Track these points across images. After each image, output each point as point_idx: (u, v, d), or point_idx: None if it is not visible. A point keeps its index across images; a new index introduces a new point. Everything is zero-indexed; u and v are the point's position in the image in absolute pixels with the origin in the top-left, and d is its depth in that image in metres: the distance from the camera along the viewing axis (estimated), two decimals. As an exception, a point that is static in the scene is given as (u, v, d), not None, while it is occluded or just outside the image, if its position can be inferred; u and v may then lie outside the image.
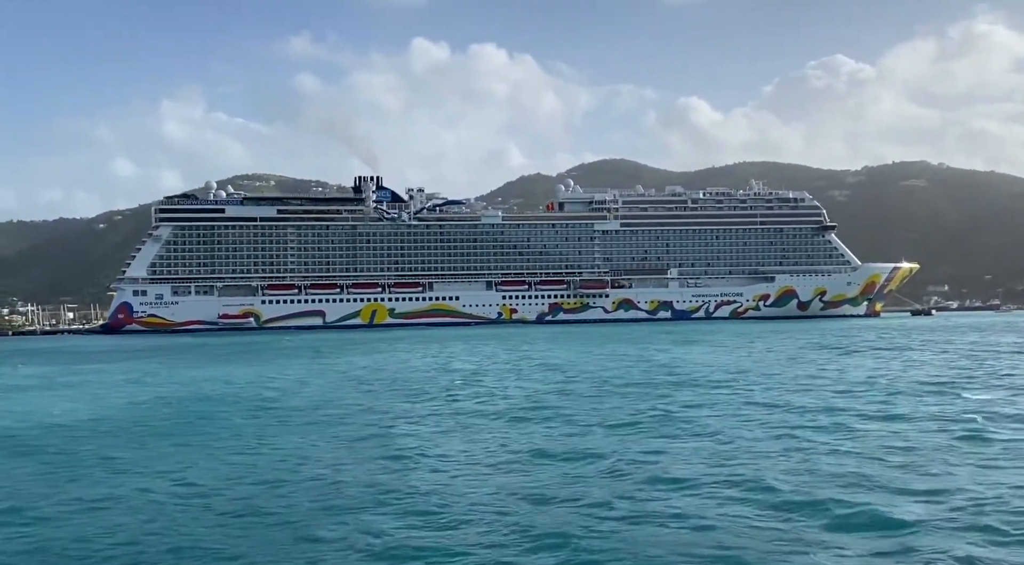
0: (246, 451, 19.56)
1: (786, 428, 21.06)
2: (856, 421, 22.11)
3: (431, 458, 18.10)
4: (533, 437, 20.61)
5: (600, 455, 17.87)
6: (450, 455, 18.42)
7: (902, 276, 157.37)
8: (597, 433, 21.01)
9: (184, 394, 33.88)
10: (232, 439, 21.43)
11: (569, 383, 34.73)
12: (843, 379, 33.80)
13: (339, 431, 22.34)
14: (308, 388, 35.47)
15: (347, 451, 19.23)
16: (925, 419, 22.18)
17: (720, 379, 34.77)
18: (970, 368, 38.53)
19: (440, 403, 28.62)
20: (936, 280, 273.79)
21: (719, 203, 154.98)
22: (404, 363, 50.10)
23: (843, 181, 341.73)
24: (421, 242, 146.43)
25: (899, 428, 20.80)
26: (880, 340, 64.34)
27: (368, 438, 21.03)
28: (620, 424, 22.41)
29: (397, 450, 19.00)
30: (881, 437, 19.50)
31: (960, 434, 19.51)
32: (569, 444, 19.37)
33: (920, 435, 19.64)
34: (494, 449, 19.07)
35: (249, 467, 17.50)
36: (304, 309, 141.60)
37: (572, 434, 20.95)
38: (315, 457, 18.45)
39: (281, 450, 19.53)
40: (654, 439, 19.90)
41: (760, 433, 20.40)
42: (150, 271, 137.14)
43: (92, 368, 53.09)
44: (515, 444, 19.65)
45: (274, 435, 21.96)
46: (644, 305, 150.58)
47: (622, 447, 18.81)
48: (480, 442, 20.17)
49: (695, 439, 19.77)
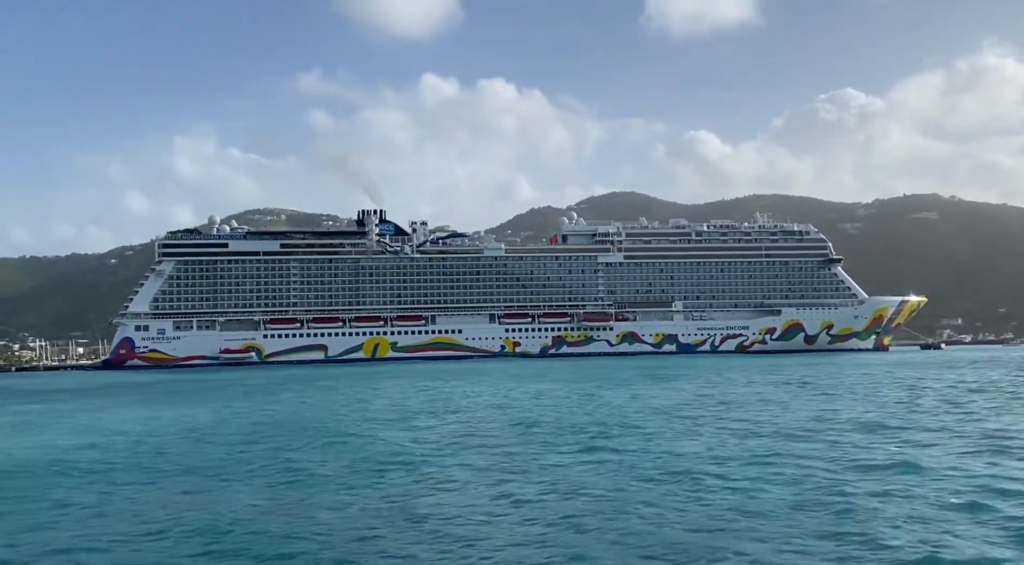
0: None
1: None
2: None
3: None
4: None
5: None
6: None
7: (910, 309, 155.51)
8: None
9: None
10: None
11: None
12: (757, 424, 31.68)
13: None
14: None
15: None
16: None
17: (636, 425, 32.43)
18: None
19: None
20: (950, 314, 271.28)
21: (723, 236, 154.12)
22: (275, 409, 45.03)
23: (854, 214, 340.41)
24: (424, 275, 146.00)
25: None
26: (860, 379, 60.41)
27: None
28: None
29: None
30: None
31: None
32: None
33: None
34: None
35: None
36: (306, 343, 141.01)
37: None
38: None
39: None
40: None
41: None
42: (152, 306, 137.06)
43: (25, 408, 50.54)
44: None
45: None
46: (649, 338, 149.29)
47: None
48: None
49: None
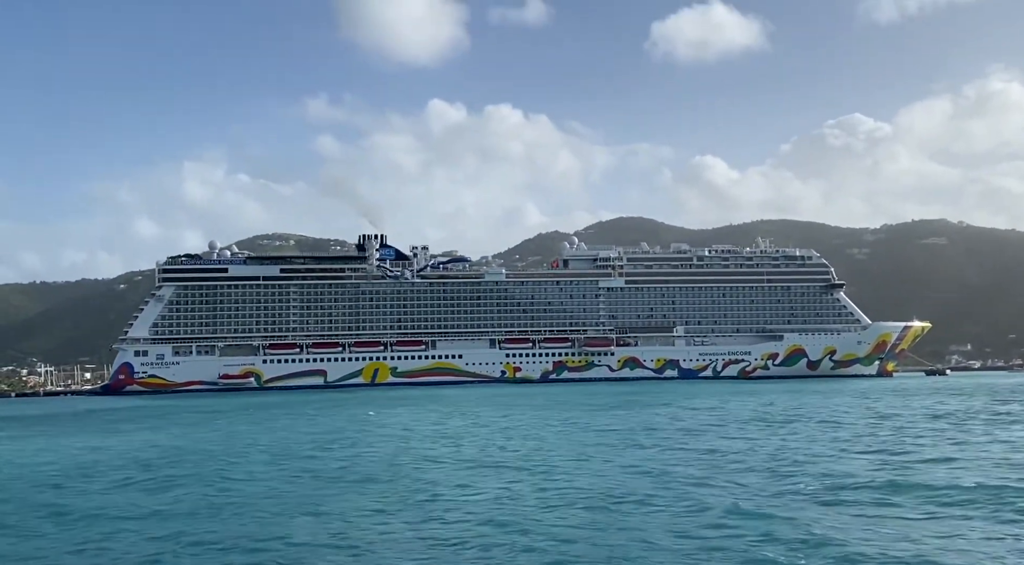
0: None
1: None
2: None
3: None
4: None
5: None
6: None
7: (914, 335, 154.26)
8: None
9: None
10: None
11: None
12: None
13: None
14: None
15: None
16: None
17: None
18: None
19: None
20: (959, 339, 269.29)
21: (725, 261, 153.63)
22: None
23: (862, 239, 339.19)
24: (424, 300, 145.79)
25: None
26: (824, 408, 58.61)
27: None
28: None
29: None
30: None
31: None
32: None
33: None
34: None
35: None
36: (305, 368, 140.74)
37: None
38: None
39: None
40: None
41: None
42: (152, 331, 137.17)
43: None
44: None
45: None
46: (650, 363, 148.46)
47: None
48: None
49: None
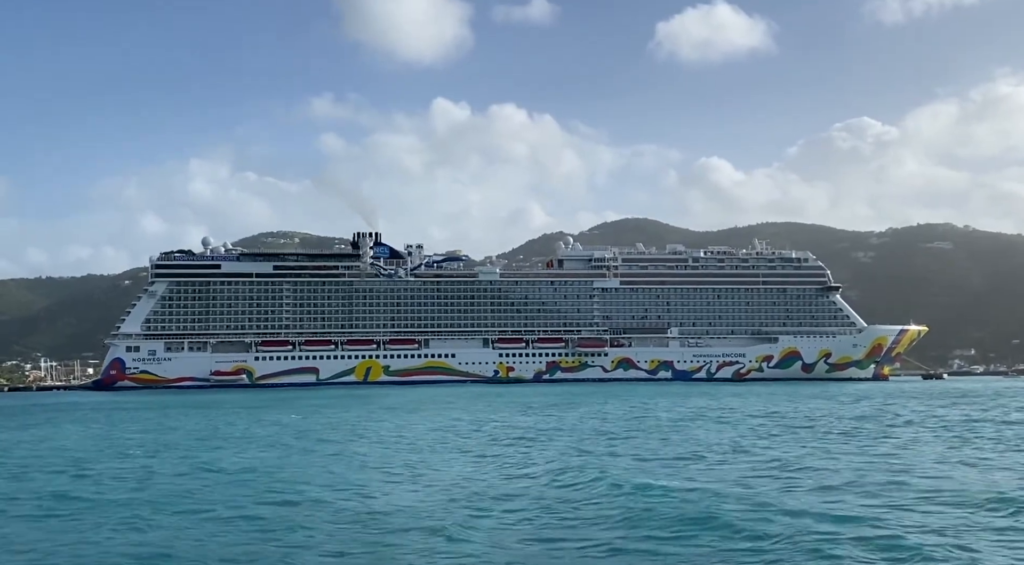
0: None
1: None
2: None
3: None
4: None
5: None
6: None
7: (910, 339, 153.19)
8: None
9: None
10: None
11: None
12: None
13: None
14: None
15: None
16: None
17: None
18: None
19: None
20: (963, 344, 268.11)
21: (721, 262, 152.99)
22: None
23: (867, 243, 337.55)
24: (418, 298, 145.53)
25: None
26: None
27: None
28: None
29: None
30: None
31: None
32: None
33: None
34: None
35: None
36: (298, 366, 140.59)
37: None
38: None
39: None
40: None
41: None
42: (144, 327, 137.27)
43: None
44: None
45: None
46: (644, 364, 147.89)
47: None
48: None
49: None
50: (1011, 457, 27.17)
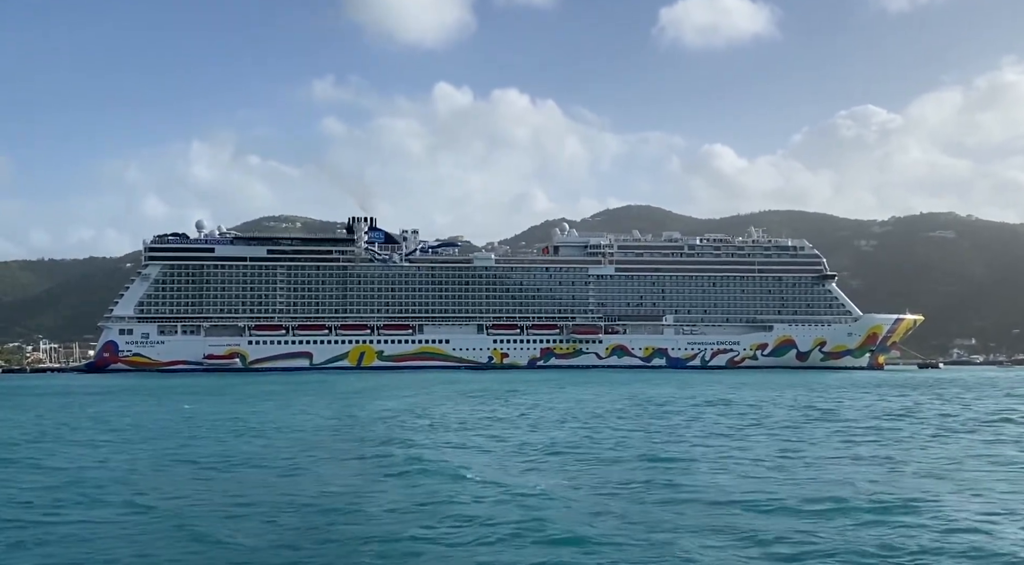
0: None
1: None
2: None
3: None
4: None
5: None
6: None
7: (906, 328, 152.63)
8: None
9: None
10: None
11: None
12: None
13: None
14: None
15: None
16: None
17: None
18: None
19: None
20: (964, 333, 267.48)
21: (716, 250, 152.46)
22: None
23: (869, 231, 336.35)
24: (412, 284, 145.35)
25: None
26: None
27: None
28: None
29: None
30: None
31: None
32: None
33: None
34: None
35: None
36: (291, 350, 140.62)
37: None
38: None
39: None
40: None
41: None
42: (137, 310, 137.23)
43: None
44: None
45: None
46: (638, 352, 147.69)
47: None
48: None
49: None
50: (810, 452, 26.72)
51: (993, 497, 18.28)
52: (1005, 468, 22.81)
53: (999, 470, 22.39)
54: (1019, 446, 28.17)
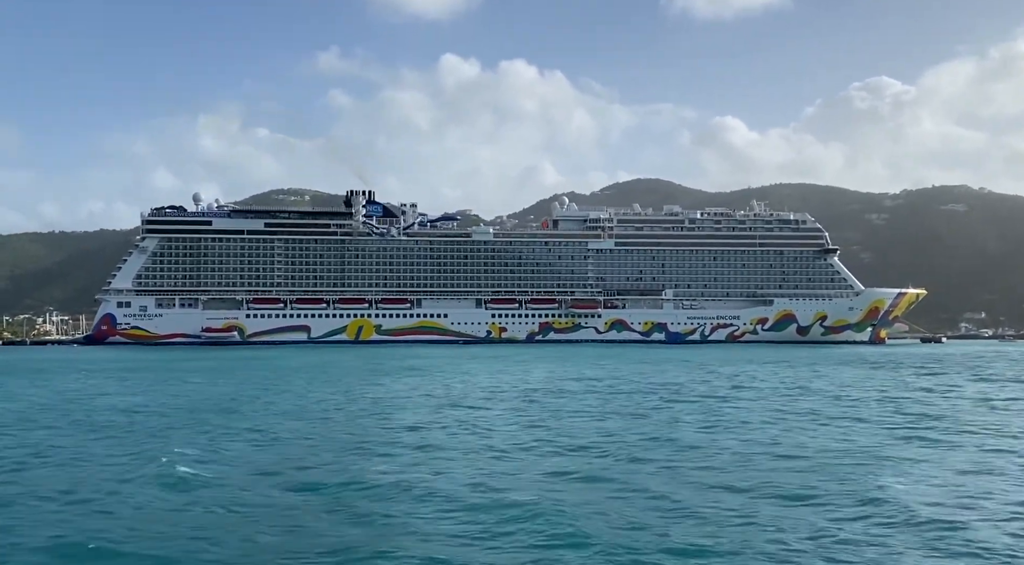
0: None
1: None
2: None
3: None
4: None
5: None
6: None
7: (908, 302, 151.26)
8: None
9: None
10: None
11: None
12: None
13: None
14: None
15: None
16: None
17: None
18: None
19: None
20: (974, 307, 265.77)
21: (717, 224, 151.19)
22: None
23: (881, 204, 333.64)
24: (410, 258, 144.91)
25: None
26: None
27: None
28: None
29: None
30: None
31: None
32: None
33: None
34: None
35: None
36: (289, 324, 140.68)
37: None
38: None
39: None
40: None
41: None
42: (135, 283, 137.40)
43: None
44: None
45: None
46: (638, 326, 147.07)
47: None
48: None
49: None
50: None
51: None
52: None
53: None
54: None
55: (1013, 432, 24.63)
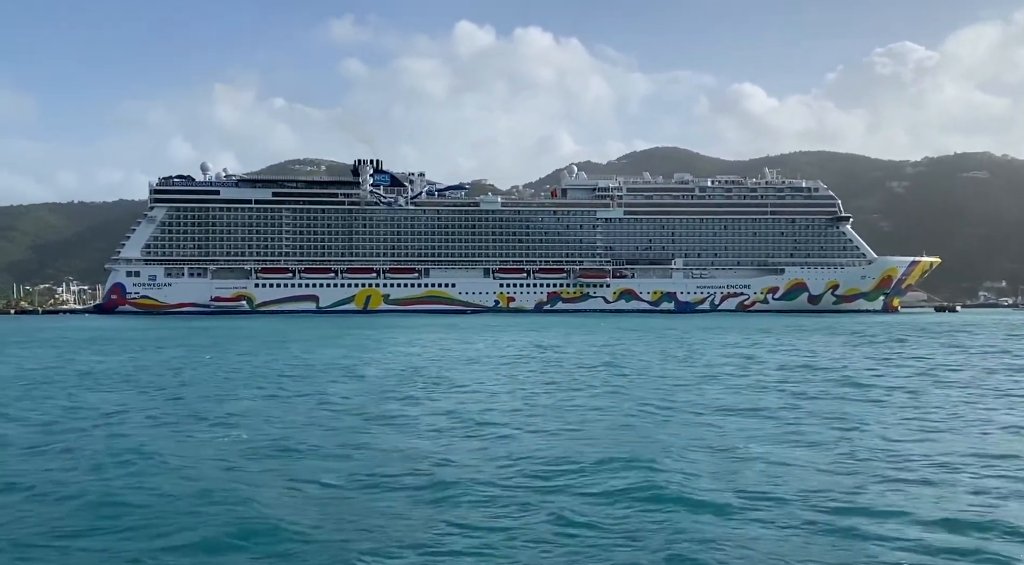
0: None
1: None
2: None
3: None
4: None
5: None
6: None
7: (922, 270, 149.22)
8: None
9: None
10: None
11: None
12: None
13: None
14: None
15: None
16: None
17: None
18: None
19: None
20: (995, 275, 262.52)
21: (728, 192, 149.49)
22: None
23: (902, 172, 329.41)
24: (418, 227, 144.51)
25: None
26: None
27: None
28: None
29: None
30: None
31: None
32: None
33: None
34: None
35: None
36: (297, 293, 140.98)
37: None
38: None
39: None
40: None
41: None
42: (144, 252, 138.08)
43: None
44: None
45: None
46: (646, 296, 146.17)
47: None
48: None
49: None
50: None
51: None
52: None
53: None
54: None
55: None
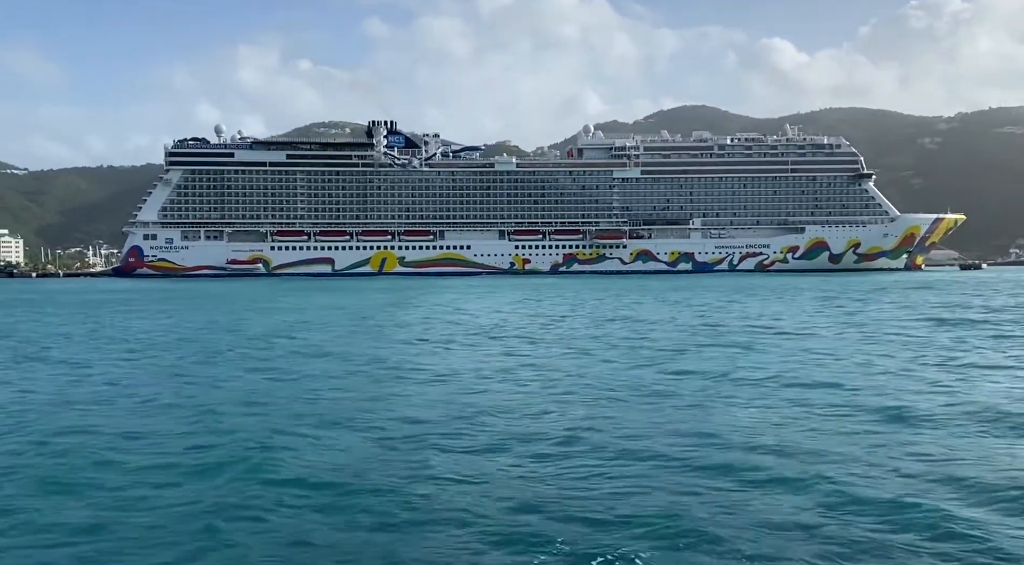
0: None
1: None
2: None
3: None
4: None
5: None
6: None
7: (945, 228, 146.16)
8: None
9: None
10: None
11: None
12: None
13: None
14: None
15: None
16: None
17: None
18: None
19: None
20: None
21: (748, 150, 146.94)
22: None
23: (934, 128, 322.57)
24: (433, 189, 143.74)
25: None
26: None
27: None
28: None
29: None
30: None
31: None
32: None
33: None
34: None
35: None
36: (313, 256, 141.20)
37: None
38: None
39: None
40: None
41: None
42: (160, 215, 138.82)
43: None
44: None
45: None
46: (664, 256, 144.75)
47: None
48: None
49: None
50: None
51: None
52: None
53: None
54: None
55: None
